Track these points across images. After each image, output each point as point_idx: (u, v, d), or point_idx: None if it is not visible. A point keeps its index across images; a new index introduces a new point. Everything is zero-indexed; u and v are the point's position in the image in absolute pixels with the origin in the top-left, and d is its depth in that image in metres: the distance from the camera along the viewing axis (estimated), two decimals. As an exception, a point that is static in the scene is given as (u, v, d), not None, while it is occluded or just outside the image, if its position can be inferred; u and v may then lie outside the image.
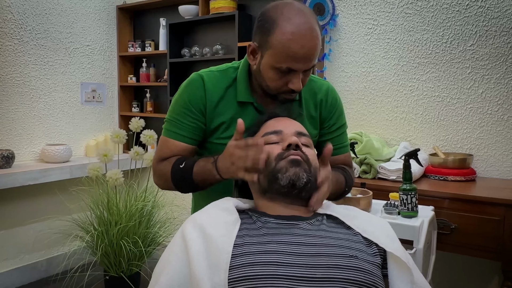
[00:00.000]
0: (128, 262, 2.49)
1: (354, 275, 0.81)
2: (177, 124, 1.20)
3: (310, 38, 1.04)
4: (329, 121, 1.29)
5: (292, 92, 1.13)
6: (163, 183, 1.19)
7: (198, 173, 1.10)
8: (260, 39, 1.11)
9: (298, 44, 1.03)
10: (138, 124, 2.69)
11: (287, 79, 1.10)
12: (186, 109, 1.19)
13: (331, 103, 1.29)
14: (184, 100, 1.20)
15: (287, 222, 0.93)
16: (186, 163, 1.12)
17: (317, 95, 1.28)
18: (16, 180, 2.54)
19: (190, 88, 1.21)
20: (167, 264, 0.87)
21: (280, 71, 1.09)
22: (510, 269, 1.67)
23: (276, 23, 1.06)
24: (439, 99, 2.20)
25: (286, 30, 1.04)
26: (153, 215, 2.66)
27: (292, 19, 1.04)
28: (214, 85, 1.21)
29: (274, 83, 1.12)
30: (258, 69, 1.15)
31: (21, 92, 2.82)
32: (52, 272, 2.94)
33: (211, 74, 1.24)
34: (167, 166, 1.16)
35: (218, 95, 1.21)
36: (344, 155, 1.33)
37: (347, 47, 2.44)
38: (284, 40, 1.04)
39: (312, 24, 1.05)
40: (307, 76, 1.14)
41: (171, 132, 1.20)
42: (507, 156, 2.04)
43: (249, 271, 0.80)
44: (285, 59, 1.06)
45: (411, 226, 1.47)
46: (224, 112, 1.21)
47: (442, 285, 2.22)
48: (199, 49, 3.01)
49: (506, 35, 2.01)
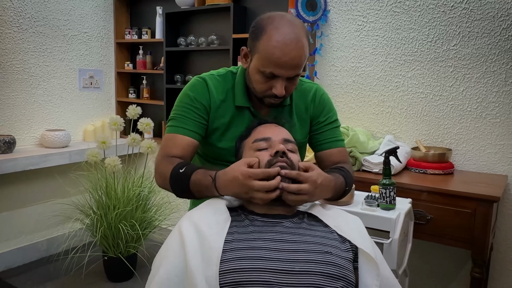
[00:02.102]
0: (126, 244, 2.63)
1: (327, 269, 0.94)
2: (183, 119, 1.26)
3: (294, 48, 1.13)
4: (319, 118, 1.38)
5: (276, 97, 1.21)
6: (162, 182, 1.22)
7: (195, 184, 1.14)
8: (250, 44, 1.21)
9: (282, 51, 1.12)
10: (135, 111, 2.79)
11: (271, 84, 1.19)
12: (191, 106, 1.26)
13: (319, 102, 1.38)
14: (189, 98, 1.27)
15: (272, 220, 1.06)
16: (186, 169, 1.16)
17: (307, 97, 1.38)
18: (17, 165, 2.65)
19: (195, 89, 1.29)
20: (166, 257, 0.99)
21: (265, 76, 1.17)
22: (478, 257, 1.81)
23: (265, 30, 1.15)
24: (423, 95, 2.31)
25: (273, 37, 1.13)
26: (149, 200, 2.79)
27: (280, 29, 1.13)
28: (217, 88, 1.29)
29: (259, 86, 1.21)
30: (248, 72, 1.25)
31: (21, 78, 2.90)
32: (52, 252, 3.08)
33: (213, 77, 1.31)
34: (168, 167, 1.19)
35: (220, 98, 1.29)
36: (338, 150, 1.38)
37: (337, 42, 2.54)
38: (269, 46, 1.13)
39: (298, 35, 1.14)
40: (293, 84, 1.22)
41: (178, 128, 1.25)
42: (484, 151, 2.18)
43: (237, 265, 0.92)
44: (269, 64, 1.15)
45: (388, 218, 1.60)
46: (224, 115, 1.29)
47: (419, 271, 2.39)
48: (195, 38, 3.09)
49: (487, 36, 2.12)
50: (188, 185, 1.14)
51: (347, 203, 1.73)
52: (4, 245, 2.89)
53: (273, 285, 0.90)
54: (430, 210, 1.89)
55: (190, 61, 3.29)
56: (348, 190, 1.30)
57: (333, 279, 0.93)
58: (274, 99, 1.23)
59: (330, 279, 0.93)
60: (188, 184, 1.14)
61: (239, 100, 1.29)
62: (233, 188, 1.07)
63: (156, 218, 2.81)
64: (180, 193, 1.20)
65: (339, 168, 1.30)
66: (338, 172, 1.26)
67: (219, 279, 0.90)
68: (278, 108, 1.32)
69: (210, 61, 3.16)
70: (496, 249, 2.18)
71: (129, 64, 3.46)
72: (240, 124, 1.29)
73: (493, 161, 2.16)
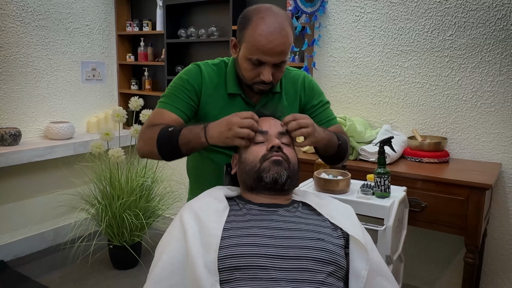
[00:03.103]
0: (130, 233, 2.70)
1: (319, 255, 1.00)
2: (174, 98, 1.33)
3: (278, 36, 1.21)
4: (312, 102, 1.47)
5: (264, 83, 1.28)
6: (148, 148, 1.26)
7: (185, 134, 1.20)
8: (239, 34, 1.29)
9: (266, 39, 1.20)
10: (137, 103, 2.84)
11: (259, 71, 1.26)
12: (183, 87, 1.34)
13: (308, 88, 1.47)
14: (182, 80, 1.35)
15: (268, 209, 1.11)
16: (175, 127, 1.23)
17: (296, 84, 1.46)
18: (23, 157, 2.71)
19: (189, 73, 1.37)
20: (168, 244, 1.05)
21: (252, 63, 1.25)
22: (471, 243, 1.87)
23: (251, 20, 1.23)
24: (419, 85, 2.35)
25: (258, 26, 1.21)
26: (152, 190, 2.86)
27: (264, 18, 1.22)
28: (210, 75, 1.37)
29: (248, 73, 1.28)
30: (237, 61, 1.32)
31: (25, 72, 2.95)
32: (59, 241, 3.16)
33: (208, 65, 1.40)
34: (155, 130, 1.24)
35: (212, 85, 1.37)
36: (335, 127, 1.47)
37: (335, 33, 2.57)
38: (255, 35, 1.21)
39: (282, 24, 1.22)
40: (279, 71, 1.30)
41: (167, 104, 1.33)
42: (478, 140, 2.22)
43: (235, 251, 0.98)
44: (255, 51, 1.22)
45: (382, 206, 1.65)
46: (216, 101, 1.37)
47: (414, 257, 2.45)
48: (195, 30, 3.13)
49: (482, 26, 2.15)
50: (177, 139, 1.20)
51: (343, 192, 1.79)
52: (12, 235, 2.97)
53: (268, 270, 0.96)
54: (424, 198, 1.94)
55: (190, 53, 3.33)
56: (342, 146, 1.36)
57: (324, 264, 0.99)
58: (262, 85, 1.30)
59: (322, 264, 0.99)
60: (177, 138, 1.20)
61: (231, 87, 1.37)
62: (219, 127, 1.15)
63: (159, 208, 2.88)
64: (168, 151, 1.23)
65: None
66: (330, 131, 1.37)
67: (218, 264, 0.96)
68: (269, 94, 1.39)
69: (210, 52, 3.20)
70: (490, 235, 2.24)
71: (131, 56, 3.50)
72: (233, 110, 1.36)
73: (488, 149, 2.20)
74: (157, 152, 1.24)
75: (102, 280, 2.69)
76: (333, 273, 1.00)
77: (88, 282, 2.67)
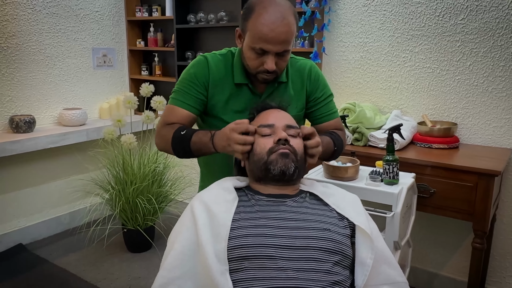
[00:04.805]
0: (143, 217, 2.77)
1: (325, 244, 1.03)
2: (183, 94, 1.39)
3: (280, 24, 1.23)
4: (315, 94, 1.49)
5: (268, 72, 1.31)
6: (164, 145, 1.37)
7: (195, 142, 1.29)
8: (242, 24, 1.31)
9: (268, 28, 1.23)
10: (148, 89, 2.87)
11: (262, 60, 1.29)
12: (192, 82, 1.39)
13: (314, 78, 1.49)
14: (190, 75, 1.40)
15: (276, 199, 1.14)
16: (187, 131, 1.31)
17: (302, 73, 1.48)
18: (38, 144, 2.77)
19: (196, 66, 1.41)
20: (180, 234, 1.09)
21: (256, 52, 1.28)
22: (479, 229, 1.89)
23: (254, 10, 1.26)
24: (430, 70, 2.33)
25: (260, 16, 1.24)
26: (164, 175, 2.91)
27: (267, 8, 1.24)
28: (217, 66, 1.40)
29: (252, 63, 1.31)
30: (242, 51, 1.35)
31: (37, 59, 2.99)
32: (75, 225, 3.25)
33: (215, 56, 1.42)
34: (170, 131, 1.33)
35: (219, 75, 1.40)
36: (334, 121, 1.52)
37: (345, 18, 2.55)
38: (258, 24, 1.24)
39: (285, 13, 1.24)
40: (283, 60, 1.32)
41: (178, 101, 1.39)
42: (489, 125, 2.21)
43: (244, 241, 1.02)
44: (258, 40, 1.25)
45: (390, 193, 1.67)
46: (223, 91, 1.40)
47: (422, 242, 2.48)
48: (204, 15, 3.12)
49: (495, 10, 2.11)
50: (189, 144, 1.29)
51: (352, 178, 1.81)
52: (29, 219, 3.06)
53: (276, 260, 0.99)
54: (433, 184, 1.95)
55: (200, 38, 3.33)
56: (338, 150, 1.43)
57: (331, 253, 1.02)
58: (266, 74, 1.32)
59: (328, 254, 1.02)
60: (189, 144, 1.29)
61: (238, 78, 1.40)
62: (222, 141, 1.22)
63: (171, 192, 2.94)
64: (181, 153, 1.34)
65: (330, 132, 1.45)
66: (327, 135, 1.42)
67: (227, 253, 1.00)
68: (275, 84, 1.41)
69: (219, 37, 3.20)
70: (500, 219, 2.25)
71: (141, 41, 3.52)
72: (240, 99, 1.41)
73: (498, 135, 2.19)
74: (173, 152, 1.34)
75: (117, 263, 2.77)
76: (339, 262, 1.03)
77: (103, 264, 2.75)
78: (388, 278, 1.10)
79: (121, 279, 2.59)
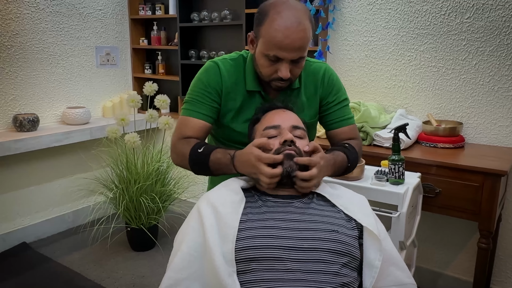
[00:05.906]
0: (147, 216, 2.76)
1: (333, 246, 1.02)
2: (196, 103, 1.34)
3: (295, 30, 1.18)
4: (328, 98, 1.44)
5: (282, 80, 1.26)
6: (180, 161, 1.32)
7: (214, 163, 1.24)
8: (255, 29, 1.27)
9: (283, 34, 1.17)
10: (151, 88, 2.86)
11: (276, 67, 1.24)
12: (204, 91, 1.34)
13: (328, 82, 1.43)
14: (203, 83, 1.35)
15: (283, 201, 1.14)
16: (205, 149, 1.25)
17: (317, 77, 1.43)
18: (42, 142, 2.77)
19: (208, 73, 1.36)
20: (186, 235, 1.08)
21: (269, 59, 1.23)
22: (485, 229, 1.88)
23: (268, 15, 1.21)
24: (435, 69, 2.32)
25: (275, 21, 1.19)
26: (168, 174, 2.90)
27: (281, 13, 1.19)
28: (229, 72, 1.36)
29: (265, 70, 1.27)
30: (255, 57, 1.30)
31: (41, 58, 2.98)
32: (79, 223, 3.25)
33: (226, 62, 1.37)
34: (186, 147, 1.28)
35: (231, 82, 1.36)
36: (348, 127, 1.45)
37: (350, 16, 2.54)
38: (271, 30, 1.19)
39: (300, 18, 1.19)
40: (298, 67, 1.27)
41: (191, 111, 1.34)
42: (495, 124, 2.20)
43: (251, 243, 1.01)
44: (272, 47, 1.20)
45: (396, 193, 1.66)
46: (235, 98, 1.36)
47: (427, 242, 2.47)
48: (208, 14, 3.11)
49: (501, 9, 2.10)
50: (207, 164, 1.24)
51: (357, 178, 1.81)
52: (33, 217, 3.06)
53: (284, 261, 0.98)
54: (439, 184, 1.95)
55: (203, 37, 3.32)
56: (351, 166, 1.36)
57: (339, 255, 1.02)
58: (280, 82, 1.28)
59: (336, 255, 1.02)
60: (207, 163, 1.24)
61: (250, 84, 1.36)
62: (246, 167, 1.17)
63: (175, 191, 2.93)
64: (199, 171, 1.30)
65: (343, 145, 1.37)
66: (341, 149, 1.33)
67: (234, 255, 0.99)
68: (287, 91, 1.37)
69: (223, 36, 3.19)
70: (505, 219, 2.24)
71: (144, 40, 3.51)
72: (252, 107, 1.36)
73: (504, 134, 2.18)
74: (190, 169, 1.30)
75: (121, 261, 2.77)
76: (347, 264, 1.03)
77: (107, 263, 2.75)
78: (396, 279, 1.09)
79: (125, 278, 2.59)
